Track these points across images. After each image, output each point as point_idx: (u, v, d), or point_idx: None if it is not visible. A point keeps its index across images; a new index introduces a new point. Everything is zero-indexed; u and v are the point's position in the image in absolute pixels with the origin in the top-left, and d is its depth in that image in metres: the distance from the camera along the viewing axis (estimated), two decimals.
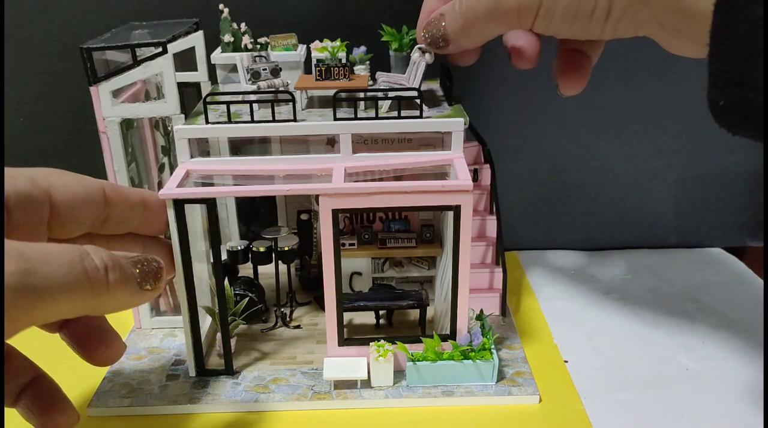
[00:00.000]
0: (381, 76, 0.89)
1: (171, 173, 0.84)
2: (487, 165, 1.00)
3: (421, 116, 0.83)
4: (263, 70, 0.88)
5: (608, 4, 0.51)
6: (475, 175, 0.98)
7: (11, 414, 0.81)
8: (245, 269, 1.04)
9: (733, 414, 0.79)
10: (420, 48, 0.83)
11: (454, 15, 0.63)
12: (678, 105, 1.13)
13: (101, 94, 0.84)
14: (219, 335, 0.87)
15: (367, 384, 0.83)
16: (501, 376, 0.84)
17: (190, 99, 0.99)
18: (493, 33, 0.63)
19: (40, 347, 0.96)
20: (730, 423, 0.78)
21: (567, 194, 1.20)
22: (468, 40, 0.65)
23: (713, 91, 0.44)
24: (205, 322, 0.92)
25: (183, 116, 0.86)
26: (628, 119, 1.14)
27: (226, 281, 0.86)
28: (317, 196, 0.79)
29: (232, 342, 0.88)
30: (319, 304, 1.00)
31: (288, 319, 0.98)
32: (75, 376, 0.87)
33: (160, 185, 0.95)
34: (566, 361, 0.90)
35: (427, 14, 0.70)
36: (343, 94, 0.84)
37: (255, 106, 0.83)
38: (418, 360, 0.82)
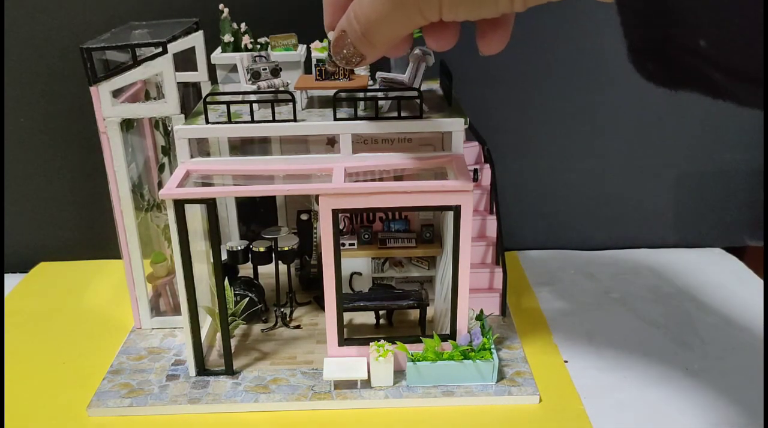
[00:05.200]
0: (381, 75, 0.89)
1: (171, 173, 0.84)
2: (487, 165, 1.00)
3: (421, 116, 0.83)
4: (263, 70, 0.88)
5: None
6: (475, 175, 0.98)
7: (11, 413, 0.81)
8: (245, 269, 1.04)
9: (733, 414, 0.79)
10: (421, 49, 0.84)
11: (353, 29, 0.58)
12: (677, 102, 1.13)
13: (101, 94, 0.84)
14: (219, 335, 0.87)
15: (367, 384, 0.83)
16: (501, 376, 0.84)
17: (190, 99, 0.99)
18: (403, 33, 0.57)
19: (41, 347, 0.96)
20: (730, 422, 0.78)
21: (567, 193, 1.20)
22: (381, 47, 0.59)
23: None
24: (205, 322, 0.92)
25: (183, 116, 0.86)
26: (627, 117, 1.14)
27: (226, 281, 0.86)
28: (317, 196, 0.79)
29: (232, 342, 0.88)
30: (319, 304, 1.00)
31: (288, 319, 0.98)
32: (75, 376, 0.88)
33: (160, 185, 0.95)
34: (566, 361, 0.90)
35: (330, 17, 0.63)
36: (343, 94, 0.84)
37: (255, 106, 0.83)
38: (418, 360, 0.82)
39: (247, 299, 0.94)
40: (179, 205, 0.78)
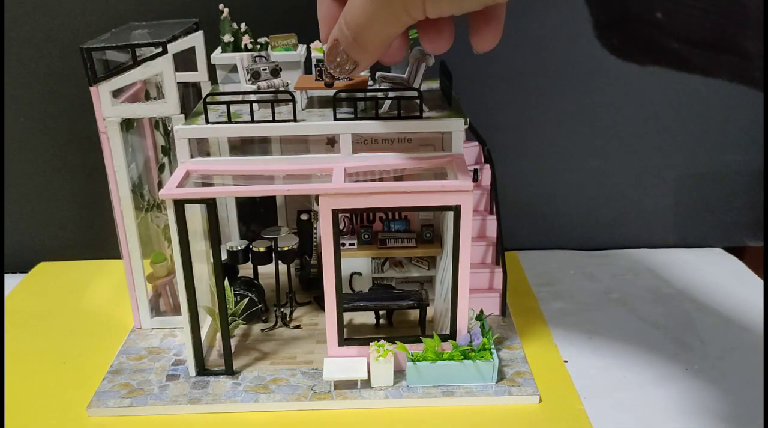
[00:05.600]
0: (381, 75, 0.89)
1: (171, 173, 0.84)
2: (487, 165, 1.00)
3: (421, 116, 0.83)
4: (263, 70, 0.88)
5: None
6: (475, 175, 0.98)
7: (11, 413, 0.81)
8: (245, 269, 1.04)
9: (733, 414, 0.79)
10: (420, 49, 0.84)
11: (344, 35, 0.59)
12: (677, 103, 1.13)
13: (101, 94, 0.84)
14: (219, 335, 0.87)
15: (367, 384, 0.83)
16: (501, 376, 0.84)
17: (190, 99, 0.99)
18: (392, 33, 0.58)
19: (41, 347, 0.96)
20: (730, 422, 0.78)
21: (567, 193, 1.20)
22: (372, 49, 0.60)
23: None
24: (205, 322, 0.92)
25: (183, 116, 0.86)
26: (628, 117, 1.14)
27: (226, 281, 0.86)
28: (317, 196, 0.79)
29: (232, 342, 0.88)
30: (319, 304, 1.00)
31: (288, 319, 0.98)
32: (75, 376, 0.88)
33: (160, 185, 0.95)
34: (566, 361, 0.90)
35: (326, 28, 0.64)
36: (343, 94, 0.84)
37: (255, 106, 0.83)
38: (418, 360, 0.82)
39: (247, 299, 0.94)
40: (179, 205, 0.78)
